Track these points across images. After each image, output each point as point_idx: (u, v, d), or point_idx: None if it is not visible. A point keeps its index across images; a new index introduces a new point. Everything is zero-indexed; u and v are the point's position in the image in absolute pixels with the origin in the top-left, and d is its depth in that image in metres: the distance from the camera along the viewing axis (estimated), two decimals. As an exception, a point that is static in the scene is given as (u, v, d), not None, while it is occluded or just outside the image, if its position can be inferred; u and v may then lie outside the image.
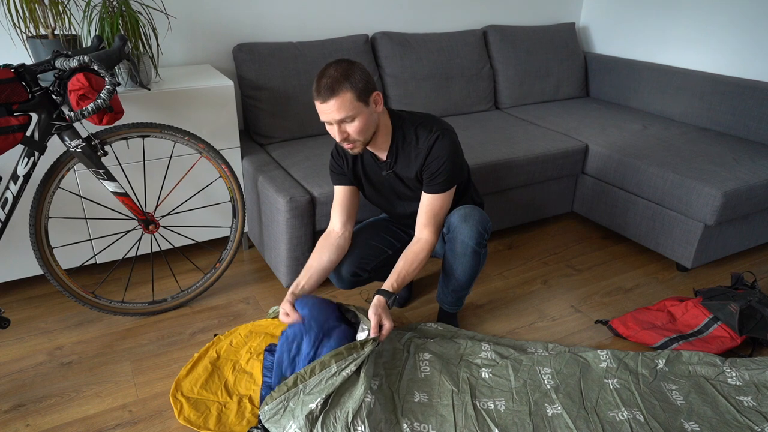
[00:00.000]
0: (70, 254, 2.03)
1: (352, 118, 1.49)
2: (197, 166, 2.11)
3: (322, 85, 1.45)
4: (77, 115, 1.51)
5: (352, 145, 1.56)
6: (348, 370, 1.46)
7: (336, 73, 1.45)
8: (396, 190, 1.75)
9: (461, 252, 1.69)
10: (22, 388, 1.66)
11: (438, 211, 1.68)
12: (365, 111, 1.50)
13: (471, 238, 1.67)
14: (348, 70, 1.46)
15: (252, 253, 2.44)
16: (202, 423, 1.49)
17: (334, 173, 1.76)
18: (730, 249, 2.31)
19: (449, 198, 1.69)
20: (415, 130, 1.63)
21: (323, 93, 1.45)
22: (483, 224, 1.68)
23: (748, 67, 2.62)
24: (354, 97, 1.46)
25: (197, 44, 2.38)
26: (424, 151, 1.61)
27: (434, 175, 1.62)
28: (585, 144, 2.51)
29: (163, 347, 1.84)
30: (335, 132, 1.52)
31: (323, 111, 1.48)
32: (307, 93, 2.41)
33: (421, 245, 1.68)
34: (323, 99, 1.46)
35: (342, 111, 1.46)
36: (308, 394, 1.42)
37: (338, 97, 1.45)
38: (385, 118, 1.62)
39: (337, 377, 1.45)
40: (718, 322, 1.87)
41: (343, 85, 1.45)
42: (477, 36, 2.88)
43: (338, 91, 1.44)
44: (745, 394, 1.64)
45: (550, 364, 1.73)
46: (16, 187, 1.63)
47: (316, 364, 1.46)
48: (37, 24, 1.85)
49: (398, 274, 1.64)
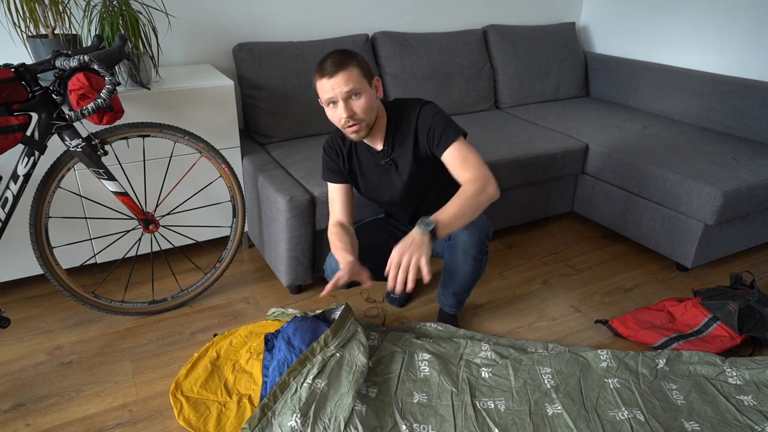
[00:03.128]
0: (70, 254, 2.03)
1: (358, 94, 1.49)
2: (197, 165, 2.11)
3: (328, 63, 1.47)
4: (77, 114, 1.51)
5: (357, 126, 1.53)
6: (309, 380, 1.50)
7: (340, 54, 1.49)
8: (392, 181, 1.72)
9: (462, 259, 1.69)
10: (22, 387, 1.66)
11: (467, 156, 1.53)
12: (370, 90, 1.52)
13: (472, 246, 1.66)
14: (350, 52, 1.51)
15: (252, 252, 2.44)
16: (201, 425, 1.49)
17: (328, 170, 1.73)
18: (730, 249, 2.31)
19: (467, 146, 1.55)
20: (404, 111, 1.64)
21: (330, 69, 1.47)
22: (484, 231, 1.68)
23: (748, 66, 2.62)
24: (360, 73, 1.49)
25: (197, 44, 2.38)
26: (413, 120, 1.60)
27: (433, 132, 1.56)
28: (585, 144, 2.51)
29: (163, 347, 1.84)
30: (341, 110, 1.48)
31: (330, 87, 1.47)
32: (308, 93, 2.41)
33: (466, 184, 1.50)
34: (330, 74, 1.47)
35: (350, 83, 1.47)
36: (280, 415, 1.44)
37: (346, 71, 1.47)
38: (382, 108, 1.63)
39: (302, 390, 1.48)
40: (717, 322, 1.87)
41: (350, 61, 1.48)
42: (477, 36, 2.88)
43: (346, 66, 1.47)
44: (745, 394, 1.64)
45: (550, 363, 1.73)
46: (17, 187, 1.63)
47: (276, 388, 1.49)
48: (37, 23, 1.85)
49: (444, 207, 1.45)
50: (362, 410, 1.48)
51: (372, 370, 1.68)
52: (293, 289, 2.14)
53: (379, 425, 1.48)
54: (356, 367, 1.59)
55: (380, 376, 1.66)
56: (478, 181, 1.48)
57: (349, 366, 1.59)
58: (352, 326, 1.73)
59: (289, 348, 1.63)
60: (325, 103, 1.52)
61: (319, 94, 1.53)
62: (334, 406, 1.46)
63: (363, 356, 1.63)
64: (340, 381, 1.54)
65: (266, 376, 1.61)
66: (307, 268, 2.04)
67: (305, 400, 1.45)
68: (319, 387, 1.50)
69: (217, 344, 1.78)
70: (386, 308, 2.07)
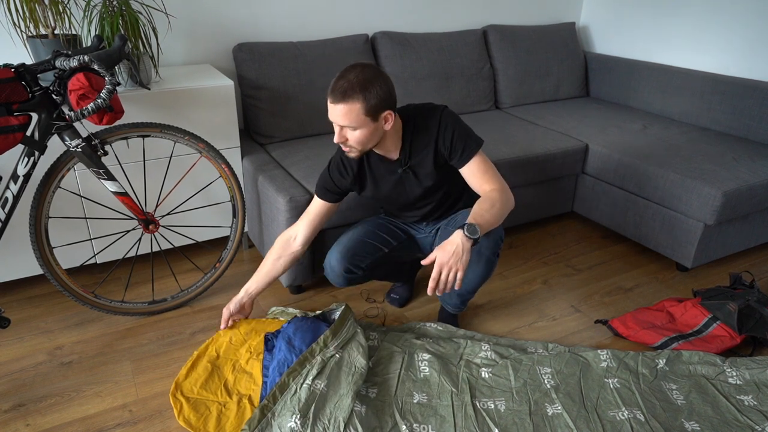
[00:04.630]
0: (70, 254, 2.03)
1: (354, 128, 1.48)
2: (197, 165, 2.11)
3: (337, 87, 1.44)
4: (77, 114, 1.51)
5: (348, 149, 1.56)
6: (308, 381, 1.50)
7: (355, 80, 1.43)
8: (409, 188, 1.70)
9: (476, 259, 1.67)
10: (22, 387, 1.66)
11: (487, 168, 1.60)
12: (370, 126, 1.49)
13: (487, 247, 1.66)
14: (369, 81, 1.44)
15: (252, 252, 2.44)
16: (201, 425, 1.49)
17: (324, 188, 1.71)
18: (730, 249, 2.31)
19: (485, 158, 1.62)
20: (422, 118, 1.62)
21: (335, 94, 1.44)
22: (499, 233, 1.68)
23: (748, 66, 2.62)
24: (362, 111, 1.45)
25: (197, 44, 2.38)
26: (434, 128, 1.59)
27: (455, 143, 1.58)
28: (585, 144, 2.51)
29: (163, 347, 1.84)
30: (336, 134, 1.52)
31: (330, 111, 1.49)
32: (307, 93, 2.41)
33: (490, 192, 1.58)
34: (333, 100, 1.45)
35: (346, 119, 1.46)
36: (280, 416, 1.43)
37: (346, 105, 1.44)
38: (397, 123, 1.60)
39: (301, 391, 1.47)
40: (717, 322, 1.87)
41: (356, 95, 1.43)
42: (477, 36, 2.88)
43: (348, 99, 1.43)
44: (745, 394, 1.64)
45: (550, 363, 1.73)
46: (17, 187, 1.63)
47: (276, 389, 1.49)
48: (37, 23, 1.85)
49: (477, 210, 1.53)
50: (362, 411, 1.48)
51: (372, 370, 1.68)
52: (293, 289, 2.14)
53: (378, 425, 1.48)
54: (355, 369, 1.59)
55: (380, 376, 1.66)
56: (504, 192, 1.58)
57: (348, 367, 1.59)
58: (352, 327, 1.73)
59: (290, 348, 1.63)
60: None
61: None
62: (333, 407, 1.46)
63: (362, 357, 1.63)
64: (340, 382, 1.54)
65: (266, 377, 1.61)
66: (307, 268, 2.04)
67: (305, 401, 1.45)
68: (319, 388, 1.50)
69: (217, 341, 1.77)
70: (386, 308, 2.07)
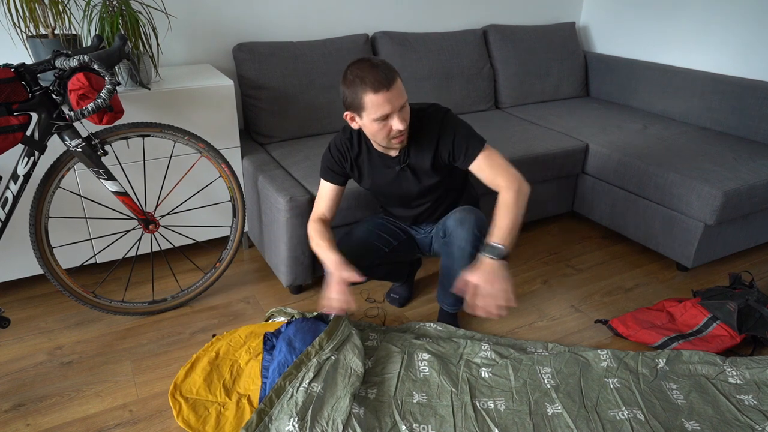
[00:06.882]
0: (70, 254, 2.03)
1: (406, 102, 1.49)
2: (197, 165, 2.11)
3: (380, 75, 1.41)
4: (77, 114, 1.51)
5: (404, 136, 1.55)
6: (305, 384, 1.50)
7: (380, 62, 1.44)
8: (405, 186, 1.71)
9: (459, 256, 1.68)
10: (22, 387, 1.66)
11: (493, 163, 1.58)
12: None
13: (467, 242, 1.66)
14: (383, 62, 1.46)
15: (252, 252, 2.44)
16: (200, 426, 1.49)
17: (329, 169, 1.71)
18: (730, 248, 2.31)
19: (491, 151, 1.60)
20: (423, 118, 1.62)
21: (386, 81, 1.41)
22: (479, 227, 1.66)
23: (748, 66, 2.62)
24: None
25: (197, 44, 2.38)
26: (435, 129, 1.59)
27: (458, 145, 1.58)
28: (585, 143, 2.51)
29: (163, 347, 1.84)
30: (398, 123, 1.46)
31: (390, 99, 1.43)
32: (308, 93, 2.41)
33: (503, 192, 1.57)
34: (388, 86, 1.41)
35: (403, 94, 1.47)
36: (277, 420, 1.43)
37: (397, 80, 1.45)
38: None
39: (298, 394, 1.47)
40: (717, 321, 1.87)
41: (394, 72, 1.45)
42: (477, 35, 2.88)
43: (395, 75, 1.44)
44: (745, 393, 1.64)
45: (550, 363, 1.72)
46: (17, 187, 1.63)
47: (272, 393, 1.49)
48: (37, 23, 1.85)
49: (495, 224, 1.54)
50: (360, 413, 1.48)
51: (371, 370, 1.68)
52: (293, 289, 2.14)
53: (378, 425, 1.48)
54: (351, 370, 1.59)
55: (379, 377, 1.66)
56: (513, 184, 1.55)
57: (344, 369, 1.59)
58: (347, 329, 1.73)
59: (290, 349, 1.63)
60: (378, 119, 1.46)
61: (366, 110, 1.45)
62: (331, 410, 1.46)
63: (358, 359, 1.63)
64: (336, 384, 1.54)
65: (265, 377, 1.61)
66: (307, 268, 2.04)
67: (302, 403, 1.45)
68: (316, 390, 1.50)
69: (216, 344, 1.77)
70: (386, 308, 2.07)
